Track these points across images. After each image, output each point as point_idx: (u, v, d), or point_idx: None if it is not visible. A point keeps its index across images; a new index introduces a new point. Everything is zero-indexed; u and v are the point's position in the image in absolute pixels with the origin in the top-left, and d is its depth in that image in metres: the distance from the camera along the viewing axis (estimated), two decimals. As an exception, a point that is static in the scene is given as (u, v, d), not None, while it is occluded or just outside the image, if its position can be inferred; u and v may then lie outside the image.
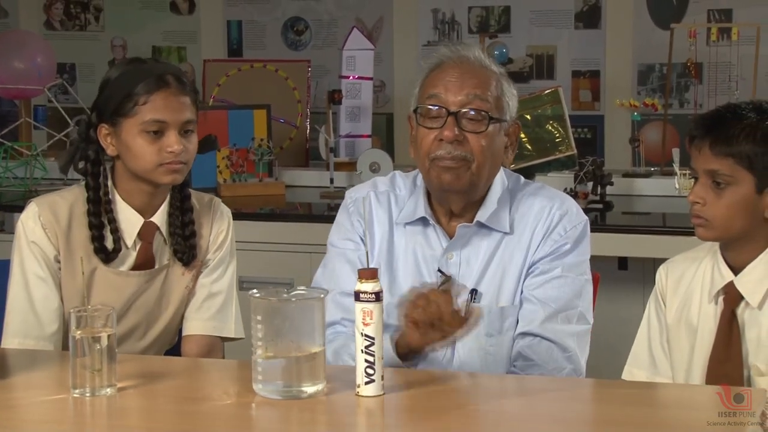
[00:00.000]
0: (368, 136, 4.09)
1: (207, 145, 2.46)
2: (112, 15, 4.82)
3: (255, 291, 1.84)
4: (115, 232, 2.26)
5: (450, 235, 2.20)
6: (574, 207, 2.23)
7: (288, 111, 4.19)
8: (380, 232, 2.23)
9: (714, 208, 2.06)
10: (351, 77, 4.05)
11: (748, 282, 2.08)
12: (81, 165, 2.29)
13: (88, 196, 2.26)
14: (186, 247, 2.32)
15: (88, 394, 1.85)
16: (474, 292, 2.18)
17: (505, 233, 2.19)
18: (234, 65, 4.32)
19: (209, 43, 4.69)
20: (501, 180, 2.22)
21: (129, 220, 2.28)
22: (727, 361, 2.09)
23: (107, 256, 2.26)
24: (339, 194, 3.76)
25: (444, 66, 2.15)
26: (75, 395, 1.85)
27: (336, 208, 2.35)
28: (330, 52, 4.48)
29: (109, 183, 2.29)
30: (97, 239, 2.25)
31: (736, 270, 2.10)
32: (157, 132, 2.21)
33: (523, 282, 2.18)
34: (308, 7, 4.59)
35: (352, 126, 4.07)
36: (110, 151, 2.26)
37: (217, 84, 4.22)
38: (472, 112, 2.11)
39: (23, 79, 4.13)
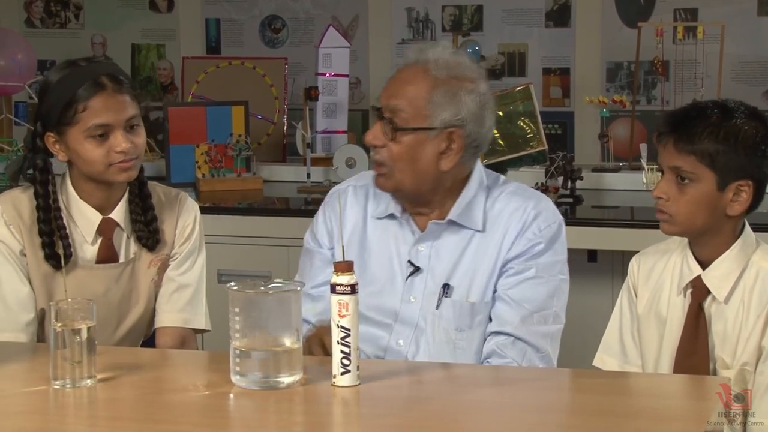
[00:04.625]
0: (344, 132, 4.11)
1: None
2: (91, 13, 4.82)
3: (233, 284, 1.86)
4: (65, 238, 2.26)
5: (422, 230, 2.23)
6: (550, 207, 2.24)
7: (265, 107, 4.21)
8: (352, 225, 2.26)
9: (677, 203, 2.09)
10: (327, 74, 4.07)
11: (715, 277, 2.11)
12: (30, 173, 2.29)
13: (38, 203, 2.26)
14: (149, 232, 2.33)
15: (68, 386, 1.87)
16: (446, 286, 2.21)
17: (477, 231, 2.20)
18: (212, 62, 4.33)
19: (188, 40, 4.70)
20: (479, 178, 2.23)
21: (87, 218, 2.30)
22: (694, 353, 2.12)
23: (58, 262, 2.25)
24: (316, 189, 3.79)
25: (400, 67, 2.20)
26: (56, 386, 1.87)
27: (312, 202, 2.40)
28: (306, 49, 4.50)
29: (68, 181, 2.30)
30: (47, 246, 2.25)
31: (704, 264, 2.13)
32: (103, 135, 2.21)
33: (496, 280, 2.19)
34: (285, 5, 4.61)
35: (329, 122, 4.10)
36: (61, 157, 2.26)
37: (195, 81, 4.23)
38: (387, 120, 2.15)
39: (4, 75, 4.13)
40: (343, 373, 1.85)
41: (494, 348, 2.17)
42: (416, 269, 2.21)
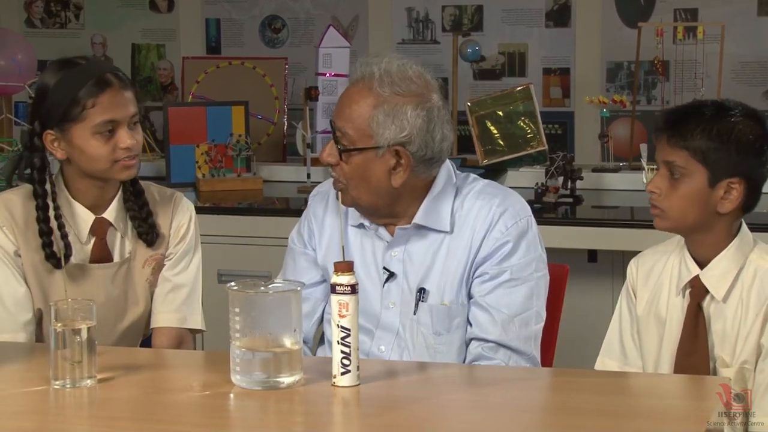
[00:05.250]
0: (344, 132, 4.12)
1: None
2: (91, 13, 4.83)
3: (233, 284, 1.86)
4: (65, 237, 2.26)
5: (392, 235, 2.22)
6: (516, 203, 2.21)
7: (265, 107, 4.22)
8: (332, 229, 2.26)
9: (669, 198, 2.10)
10: (327, 74, 4.07)
11: (713, 276, 2.12)
12: (27, 173, 2.29)
13: (37, 203, 2.26)
14: (148, 227, 2.33)
15: (68, 386, 1.87)
16: (422, 291, 2.20)
17: (447, 233, 2.19)
18: (212, 62, 4.33)
19: (188, 40, 4.71)
20: (446, 177, 2.22)
21: (80, 218, 2.30)
22: (693, 353, 2.12)
23: (58, 262, 2.26)
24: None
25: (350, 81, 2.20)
26: (56, 387, 1.87)
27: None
28: (307, 49, 4.51)
29: (61, 184, 2.30)
30: (47, 245, 2.26)
31: (701, 264, 2.13)
32: (110, 131, 2.22)
33: (468, 282, 2.18)
34: (285, 5, 4.62)
35: (329, 122, 4.11)
36: (59, 155, 2.26)
37: (195, 81, 4.23)
38: (335, 140, 2.15)
39: (4, 75, 4.14)
40: (343, 373, 1.85)
41: (480, 351, 2.17)
42: (391, 275, 2.21)
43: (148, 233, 2.34)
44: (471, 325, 2.19)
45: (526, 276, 2.18)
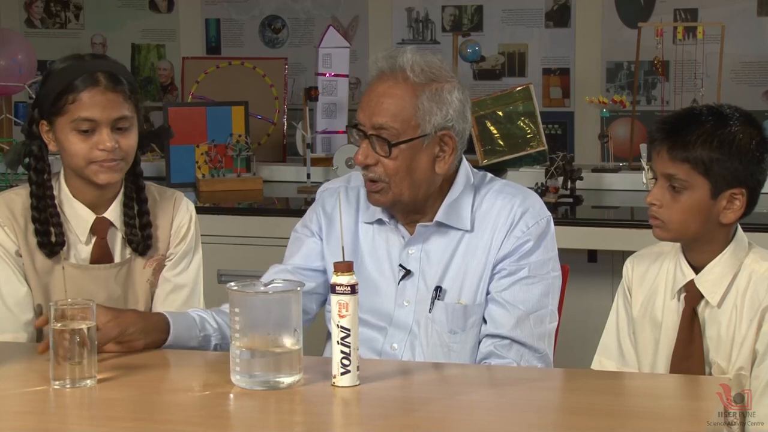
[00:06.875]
0: (344, 132, 4.12)
1: (162, 135, 2.56)
2: (91, 13, 4.85)
3: (233, 284, 1.86)
4: (58, 226, 2.26)
5: (411, 233, 2.22)
6: (536, 203, 2.22)
7: (265, 107, 4.22)
8: (343, 228, 2.23)
9: (670, 210, 2.07)
10: (327, 74, 4.08)
11: (707, 282, 2.10)
12: (26, 160, 2.28)
13: (31, 190, 2.26)
14: (141, 237, 2.31)
15: (68, 386, 1.87)
16: (438, 289, 2.20)
17: (466, 231, 2.19)
18: (212, 63, 4.34)
19: (188, 40, 4.73)
20: (465, 176, 2.22)
21: (80, 216, 2.29)
22: (689, 357, 2.11)
23: (51, 250, 2.26)
24: (316, 189, 3.76)
25: (371, 80, 2.16)
26: (56, 387, 1.87)
27: (312, 202, 2.41)
28: (306, 49, 4.52)
29: (62, 178, 2.29)
30: (40, 233, 2.25)
31: (696, 269, 2.12)
32: (88, 130, 2.20)
33: (488, 281, 2.18)
34: (285, 5, 4.64)
35: (329, 122, 4.11)
36: (51, 146, 2.26)
37: (195, 81, 4.24)
38: (376, 138, 2.12)
39: (4, 75, 4.14)
40: (343, 374, 1.85)
41: (492, 349, 2.16)
42: (407, 273, 2.21)
43: (140, 244, 2.32)
44: (485, 322, 2.19)
45: (543, 274, 2.19)
